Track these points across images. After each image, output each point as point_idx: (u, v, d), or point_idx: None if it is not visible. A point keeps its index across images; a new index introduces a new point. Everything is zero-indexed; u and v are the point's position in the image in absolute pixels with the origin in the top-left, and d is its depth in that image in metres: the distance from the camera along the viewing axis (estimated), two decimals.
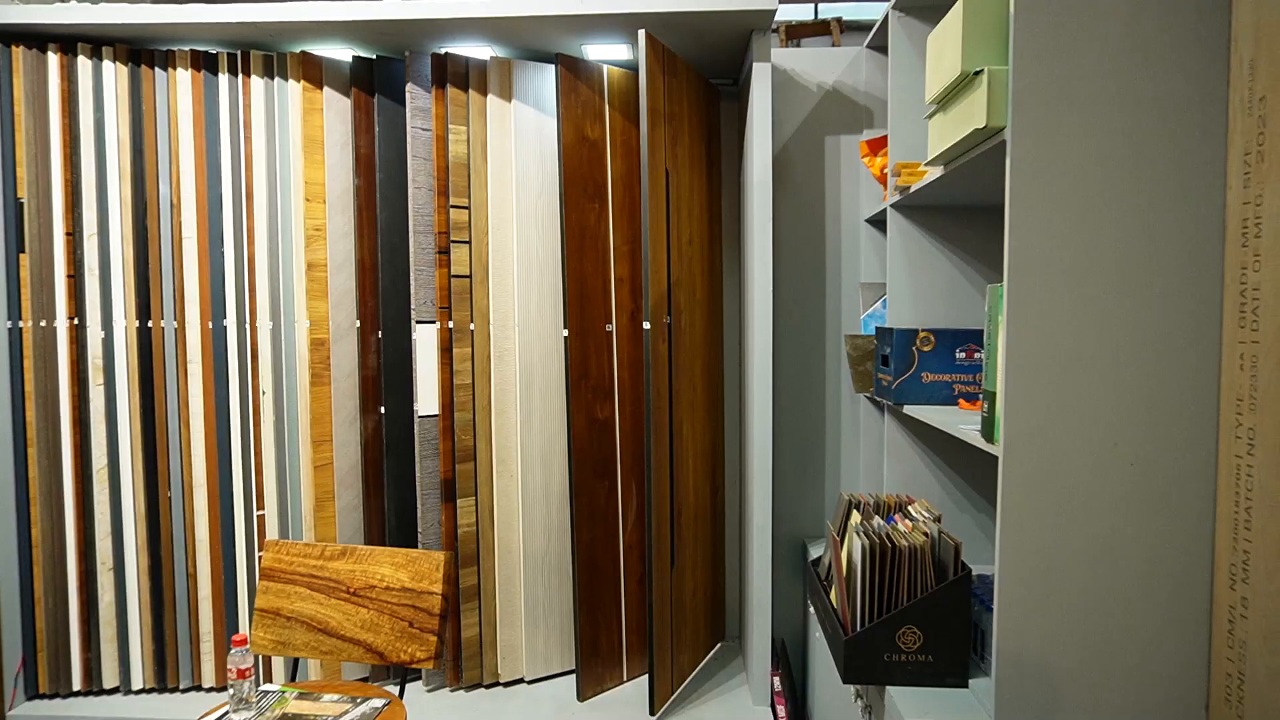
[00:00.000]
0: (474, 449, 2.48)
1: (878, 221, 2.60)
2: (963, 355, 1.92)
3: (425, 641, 1.50)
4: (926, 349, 1.91)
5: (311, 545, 1.64)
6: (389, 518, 2.48)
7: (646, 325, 2.23)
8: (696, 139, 2.53)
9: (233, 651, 1.36)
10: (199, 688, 2.46)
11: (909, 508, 1.77)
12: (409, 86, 2.40)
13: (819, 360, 2.67)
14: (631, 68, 2.57)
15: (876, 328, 2.12)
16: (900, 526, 1.63)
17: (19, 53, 2.32)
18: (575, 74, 2.40)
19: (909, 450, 2.10)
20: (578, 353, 2.42)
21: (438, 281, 2.44)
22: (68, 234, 2.36)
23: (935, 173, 1.63)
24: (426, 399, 2.44)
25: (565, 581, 2.57)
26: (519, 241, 2.47)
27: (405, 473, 2.49)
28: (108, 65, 2.37)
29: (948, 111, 1.46)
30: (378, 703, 1.47)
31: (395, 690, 2.32)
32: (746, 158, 2.51)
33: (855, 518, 1.77)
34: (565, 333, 2.40)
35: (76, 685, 2.41)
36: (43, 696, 2.42)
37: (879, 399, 2.11)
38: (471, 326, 2.46)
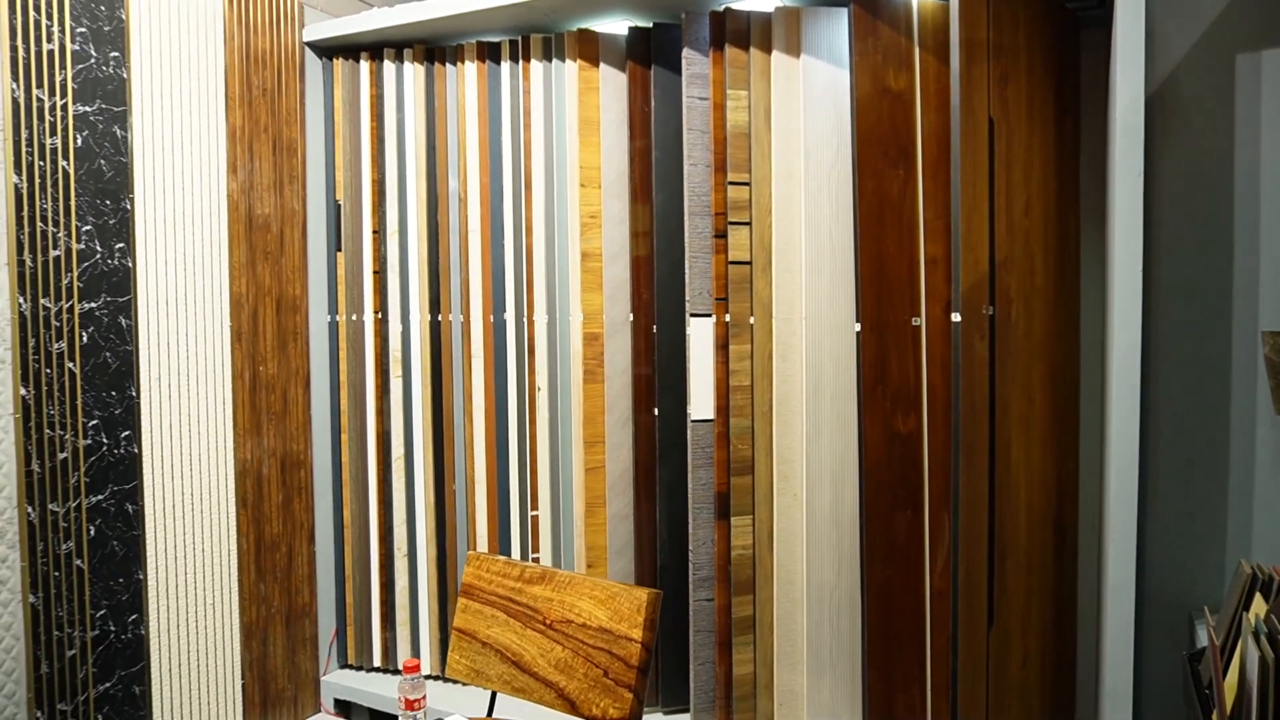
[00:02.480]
0: (752, 460, 2.23)
1: None
2: None
3: (620, 697, 1.30)
4: None
5: (511, 564, 1.53)
6: (660, 530, 2.33)
7: (957, 317, 1.82)
8: (1038, 78, 2.03)
9: (402, 678, 1.28)
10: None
11: None
12: (685, 52, 2.22)
13: (1220, 366, 2.01)
14: None
15: None
16: None
17: (339, 64, 2.56)
18: (874, 12, 2.04)
19: None
20: (873, 351, 2.06)
21: (714, 269, 2.24)
22: (374, 232, 2.56)
23: None
24: (700, 401, 2.25)
25: (858, 623, 2.22)
26: (807, 220, 2.17)
27: (679, 482, 2.33)
28: (408, 67, 2.52)
29: None
30: None
31: None
32: (1112, 95, 1.96)
33: (1258, 607, 1.22)
34: (858, 327, 2.05)
35: (377, 661, 2.61)
36: (350, 667, 2.67)
37: None
38: (751, 320, 2.22)
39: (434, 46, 2.54)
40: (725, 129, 2.21)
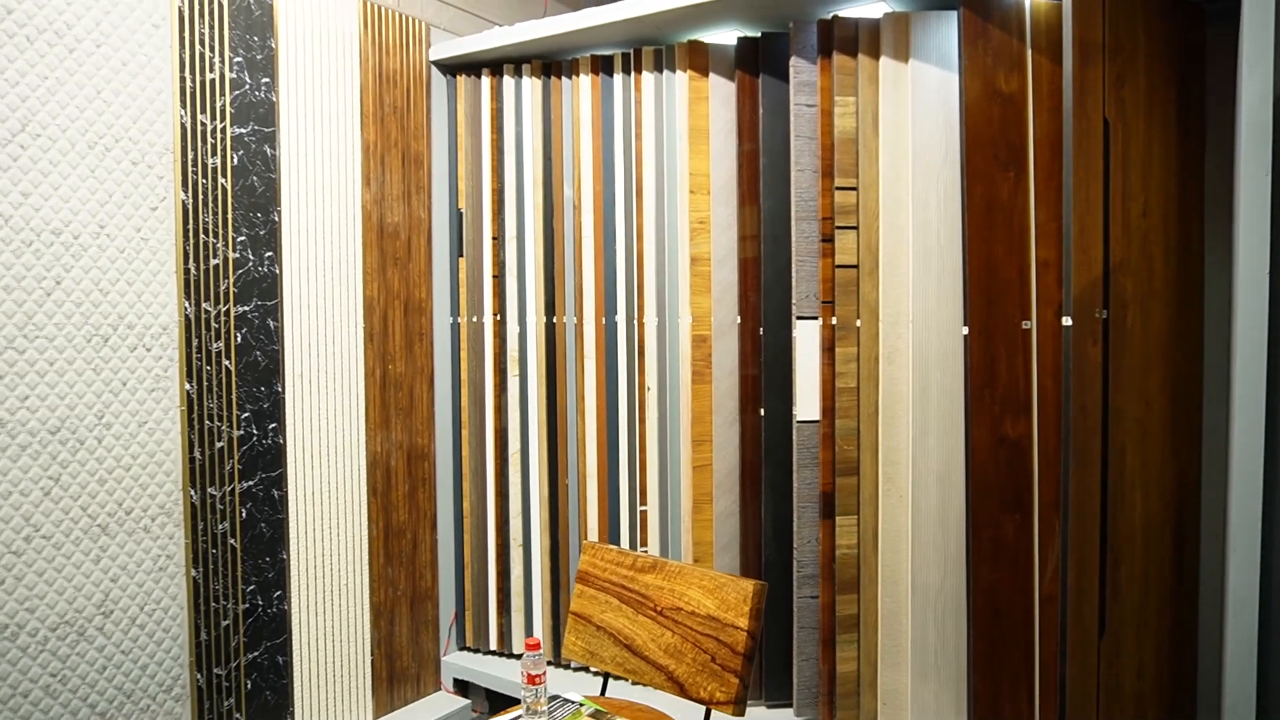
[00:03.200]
0: (857, 461, 2.27)
1: None
2: None
3: (726, 681, 1.38)
4: None
5: (624, 553, 1.63)
6: (765, 528, 2.40)
7: (1067, 321, 1.82)
8: (1159, 77, 2.00)
9: (525, 656, 1.39)
10: (587, 670, 2.66)
11: None
12: (792, 60, 2.28)
13: None
14: None
15: None
16: None
17: (462, 81, 2.73)
18: (984, 15, 2.05)
19: None
20: (980, 354, 2.07)
21: (821, 273, 2.29)
22: (494, 238, 2.72)
23: None
24: (806, 402, 2.30)
25: (964, 626, 2.23)
26: (915, 224, 2.20)
27: (784, 482, 2.39)
28: (526, 81, 2.67)
29: None
30: None
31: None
32: (1239, 92, 1.91)
33: None
34: (965, 330, 2.07)
35: (493, 645, 2.77)
36: (468, 649, 2.83)
37: None
38: (858, 323, 2.26)
39: (551, 61, 2.68)
40: (832, 135, 2.25)
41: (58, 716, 1.90)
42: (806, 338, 2.31)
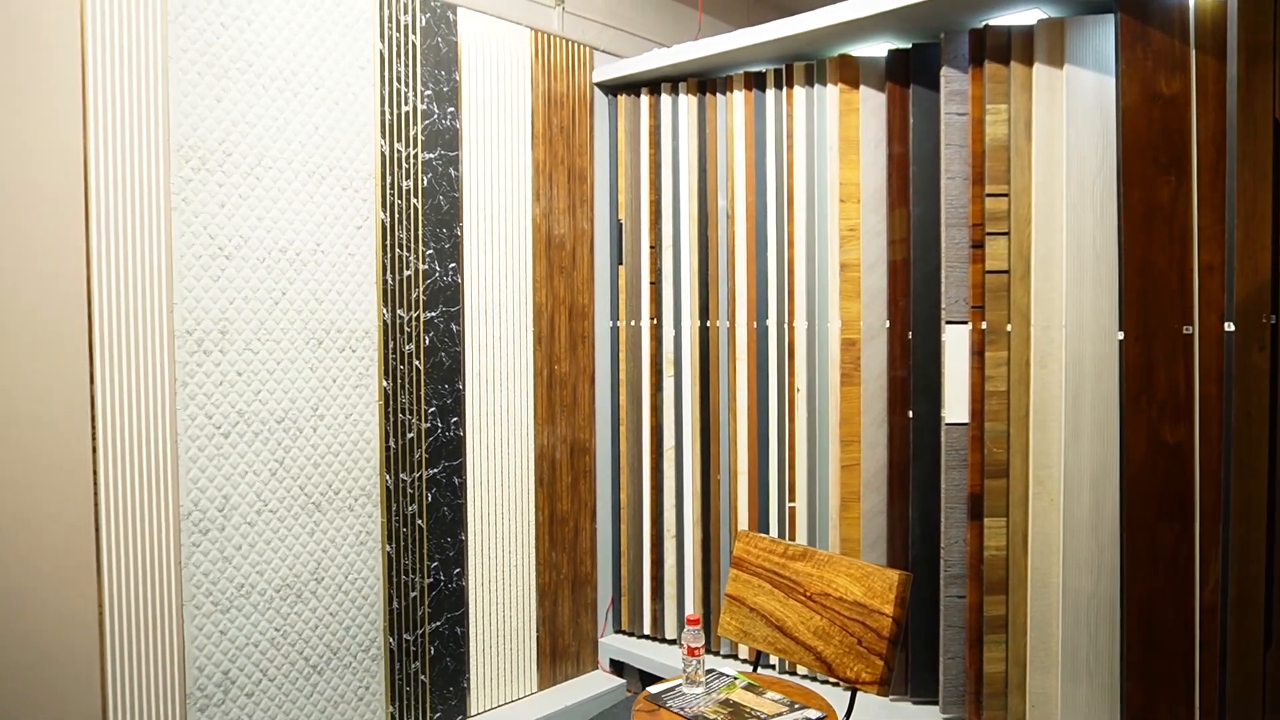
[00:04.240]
0: (1006, 464, 2.30)
1: None
2: None
3: (871, 664, 1.48)
4: None
5: (776, 542, 1.75)
6: (912, 528, 2.46)
7: (1229, 327, 1.80)
8: None
9: (686, 630, 1.54)
10: (735, 657, 2.80)
11: None
12: (943, 70, 2.33)
13: None
14: None
15: None
16: None
17: (622, 100, 2.93)
18: (1143, 18, 2.04)
19: None
20: (1137, 360, 2.07)
21: (970, 278, 2.33)
22: (651, 247, 2.91)
23: None
24: (955, 405, 2.35)
25: (1117, 633, 2.21)
26: (1069, 229, 2.21)
27: (932, 482, 2.44)
28: (682, 99, 2.84)
29: None
30: (812, 714, 1.51)
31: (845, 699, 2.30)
32: None
33: None
34: (1120, 335, 2.07)
35: (646, 630, 2.96)
36: (622, 632, 3.03)
37: None
38: (1008, 327, 2.29)
39: (705, 79, 2.83)
40: (983, 142, 2.29)
41: (280, 665, 2.22)
42: (956, 342, 2.35)
